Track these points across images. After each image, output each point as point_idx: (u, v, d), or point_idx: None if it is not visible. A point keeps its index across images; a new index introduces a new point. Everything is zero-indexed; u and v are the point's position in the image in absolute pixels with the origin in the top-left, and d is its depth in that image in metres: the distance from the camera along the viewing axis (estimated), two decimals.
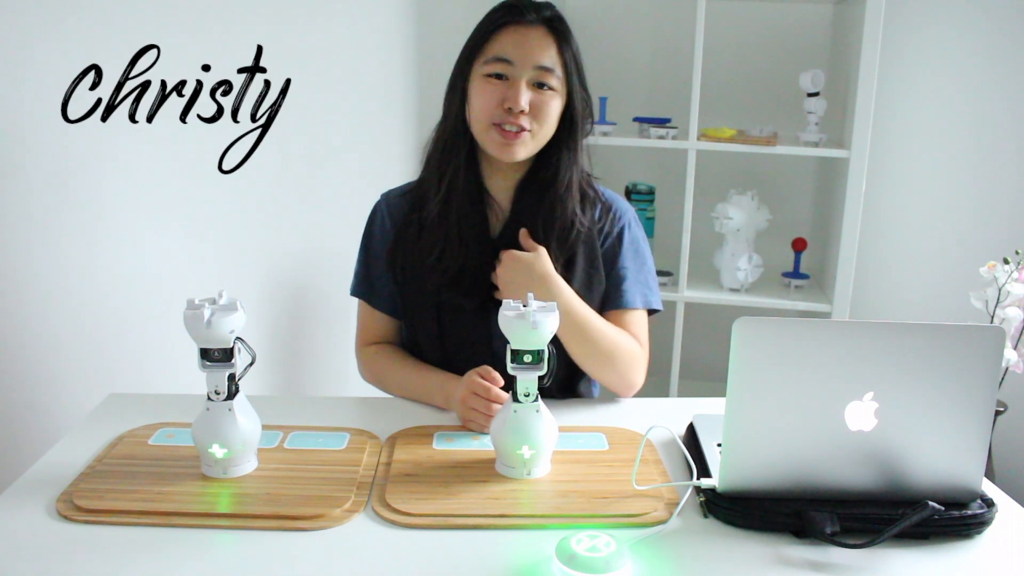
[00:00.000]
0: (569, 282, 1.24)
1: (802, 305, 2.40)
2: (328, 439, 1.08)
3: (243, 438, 0.97)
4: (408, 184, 1.35)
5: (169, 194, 1.46)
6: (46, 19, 1.18)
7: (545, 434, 0.99)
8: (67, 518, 0.90)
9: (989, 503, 0.91)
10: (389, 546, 0.86)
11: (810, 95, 2.32)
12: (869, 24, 2.12)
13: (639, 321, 1.31)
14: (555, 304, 0.98)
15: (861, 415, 0.88)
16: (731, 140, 2.34)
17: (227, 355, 0.96)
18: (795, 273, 2.50)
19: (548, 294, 1.18)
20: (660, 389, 2.50)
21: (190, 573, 0.82)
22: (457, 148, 1.25)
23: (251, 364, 0.98)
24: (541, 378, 0.98)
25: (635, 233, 1.33)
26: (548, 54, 1.20)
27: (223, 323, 0.93)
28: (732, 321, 0.86)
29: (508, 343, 0.97)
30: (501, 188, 1.29)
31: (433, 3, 2.42)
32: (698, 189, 2.37)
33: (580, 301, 1.22)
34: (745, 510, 0.90)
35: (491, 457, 1.03)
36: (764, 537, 0.88)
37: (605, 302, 1.30)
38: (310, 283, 1.98)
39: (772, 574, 0.83)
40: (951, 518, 0.88)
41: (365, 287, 1.35)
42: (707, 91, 2.35)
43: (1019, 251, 1.86)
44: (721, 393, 0.93)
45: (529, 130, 1.20)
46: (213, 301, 0.95)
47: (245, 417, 0.98)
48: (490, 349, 1.24)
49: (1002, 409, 2.00)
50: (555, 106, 1.22)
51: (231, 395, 0.97)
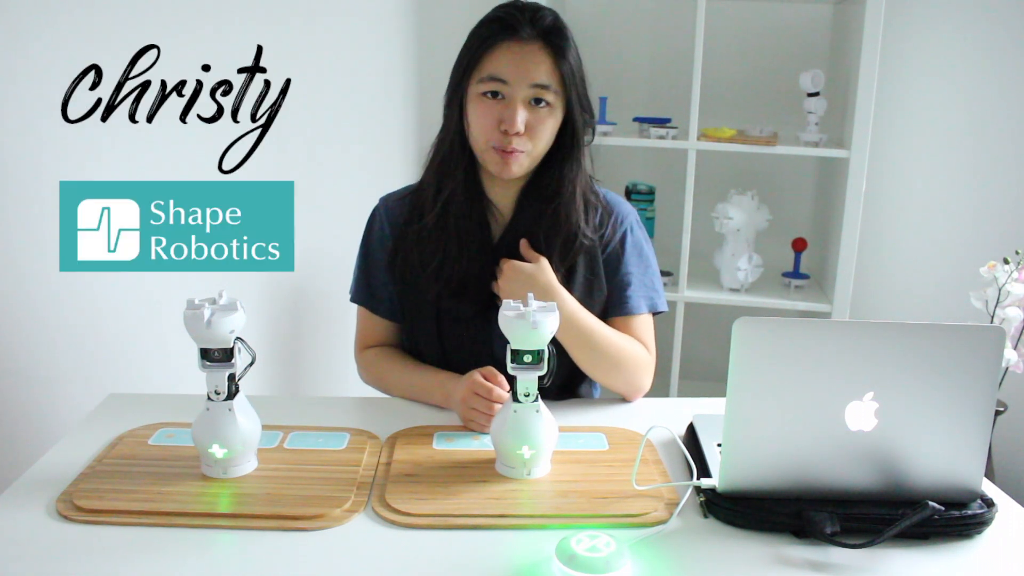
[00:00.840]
0: (570, 291, 1.24)
1: (802, 305, 2.40)
2: (328, 439, 1.08)
3: (243, 438, 0.97)
4: (406, 188, 1.34)
5: None
6: (45, 19, 1.18)
7: (545, 434, 0.99)
8: (67, 518, 0.89)
9: (989, 503, 0.91)
10: (389, 546, 0.86)
11: (810, 95, 2.32)
12: (869, 24, 2.12)
13: (645, 325, 1.31)
14: (555, 304, 0.98)
15: (861, 415, 0.88)
16: (731, 140, 2.34)
17: (227, 355, 0.96)
18: (795, 273, 2.50)
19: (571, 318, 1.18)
20: (660, 389, 2.50)
21: (190, 573, 0.82)
22: (455, 161, 1.24)
23: (251, 364, 0.98)
24: (541, 378, 0.98)
25: (638, 236, 1.32)
26: (544, 71, 1.17)
27: (223, 323, 0.93)
28: (732, 321, 0.86)
29: (508, 343, 0.97)
30: (502, 195, 1.28)
31: (433, 3, 2.42)
32: (698, 189, 2.37)
33: (584, 310, 1.21)
34: (745, 510, 0.90)
35: (491, 457, 1.03)
36: (764, 537, 0.88)
37: (610, 308, 1.29)
38: (310, 283, 1.98)
39: (772, 574, 0.83)
40: (951, 518, 0.88)
41: (364, 292, 1.34)
42: (707, 91, 2.35)
43: (1019, 251, 1.86)
44: (721, 393, 0.93)
45: (523, 151, 1.19)
46: (213, 301, 0.95)
47: (245, 417, 0.98)
48: (491, 353, 1.24)
49: (1002, 409, 2.00)
50: (551, 123, 1.20)
51: (231, 395, 0.97)
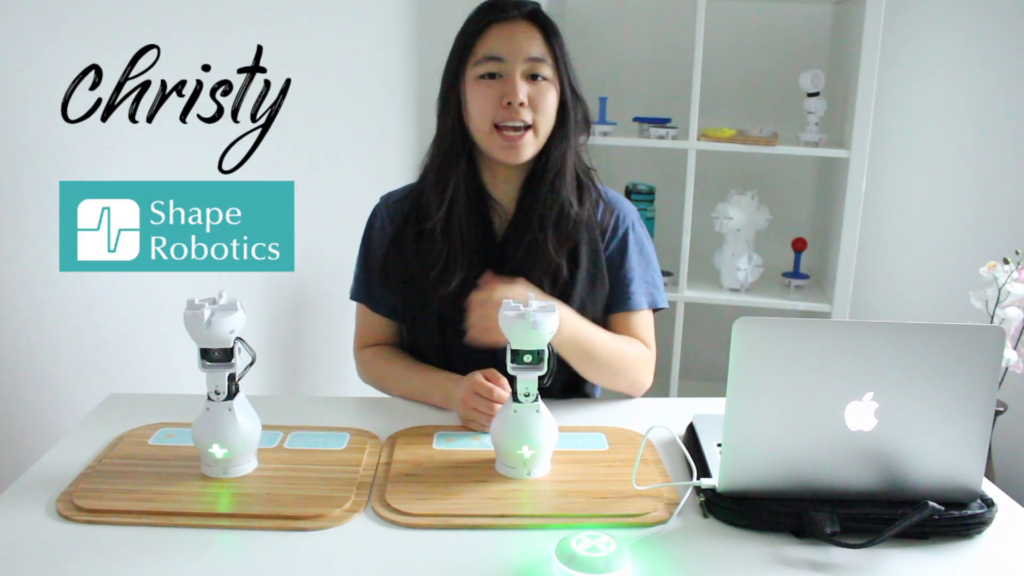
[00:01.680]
0: (572, 283, 1.24)
1: (802, 305, 2.40)
2: (328, 439, 1.08)
3: (243, 438, 0.97)
4: (406, 187, 1.34)
5: None
6: (45, 19, 1.18)
7: (545, 434, 0.99)
8: (67, 518, 0.89)
9: (989, 503, 0.91)
10: (389, 546, 0.86)
11: (810, 95, 2.32)
12: (869, 24, 2.12)
13: (646, 322, 1.31)
14: (555, 304, 0.98)
15: (861, 415, 0.88)
16: (731, 140, 2.34)
17: (227, 355, 0.96)
18: (795, 273, 2.50)
19: (573, 335, 1.17)
20: (660, 389, 2.50)
21: (190, 573, 0.82)
22: (456, 160, 1.24)
23: (251, 364, 0.98)
24: (541, 378, 0.98)
25: (639, 233, 1.33)
26: (537, 45, 1.21)
27: (223, 323, 0.93)
28: (732, 321, 0.86)
29: (508, 343, 0.97)
30: (504, 191, 1.28)
31: (433, 3, 2.42)
32: (698, 189, 2.37)
33: (580, 321, 1.20)
34: (745, 510, 0.90)
35: (491, 457, 1.03)
36: (764, 537, 0.88)
37: (611, 304, 1.29)
38: (310, 283, 1.98)
39: (772, 574, 0.83)
40: (951, 518, 0.88)
41: (364, 291, 1.34)
42: (707, 91, 2.35)
43: (1019, 251, 1.86)
44: (721, 393, 0.93)
45: (531, 125, 1.20)
46: (213, 301, 0.95)
47: (245, 417, 0.98)
48: (492, 353, 1.24)
49: (1002, 409, 2.00)
50: (551, 96, 1.22)
51: (231, 395, 0.97)
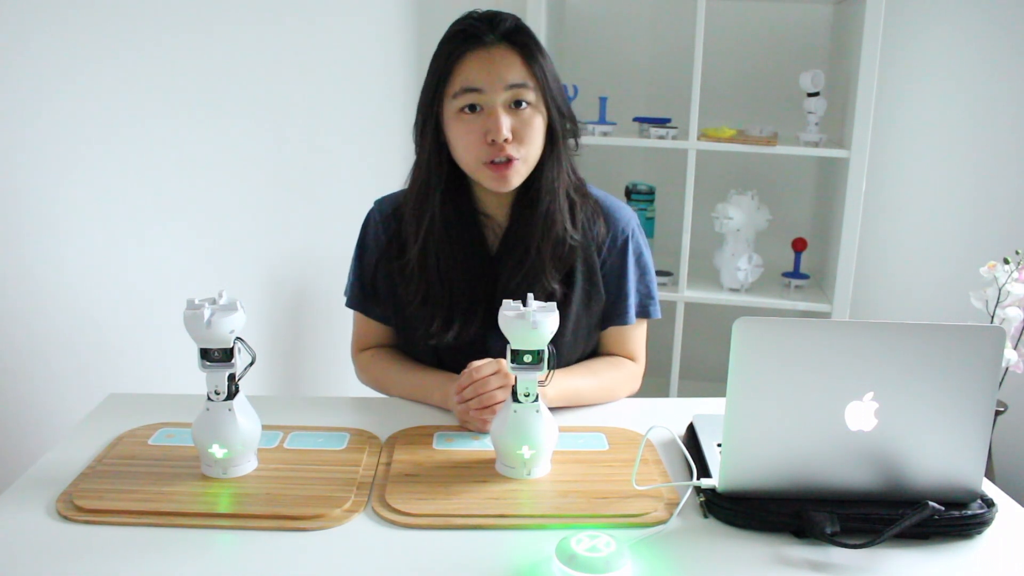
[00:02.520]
0: (568, 302, 1.24)
1: (802, 305, 2.40)
2: (328, 439, 1.08)
3: (243, 438, 0.97)
4: (398, 195, 1.31)
5: (169, 194, 1.46)
6: (44, 18, 1.18)
7: (545, 434, 0.99)
8: (67, 518, 0.90)
9: (989, 503, 0.91)
10: (389, 546, 0.86)
11: (810, 95, 2.32)
12: (869, 24, 2.12)
13: (638, 334, 1.31)
14: (554, 304, 0.98)
15: (861, 415, 0.88)
16: (731, 140, 2.34)
17: (227, 355, 0.96)
18: (795, 273, 2.50)
19: (562, 397, 1.18)
20: (660, 389, 2.50)
21: (190, 573, 0.82)
22: (432, 193, 1.21)
23: (251, 364, 0.98)
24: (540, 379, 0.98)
25: (638, 243, 1.31)
26: (516, 70, 1.15)
27: (223, 323, 0.93)
28: (732, 321, 0.86)
29: (508, 343, 0.97)
30: (496, 206, 1.26)
31: (433, 3, 2.42)
32: (698, 189, 2.37)
33: (566, 377, 1.19)
34: (745, 510, 0.90)
35: (491, 457, 1.03)
36: (764, 537, 0.88)
37: (607, 317, 1.29)
38: (310, 283, 1.98)
39: (772, 574, 0.83)
40: (951, 518, 0.88)
41: (359, 299, 1.34)
42: (707, 91, 2.35)
43: (1019, 251, 1.86)
44: (721, 393, 0.93)
45: (518, 158, 1.16)
46: (213, 301, 0.95)
47: (245, 417, 0.98)
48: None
49: (1002, 409, 2.00)
50: (536, 124, 1.17)
51: (231, 395, 0.97)
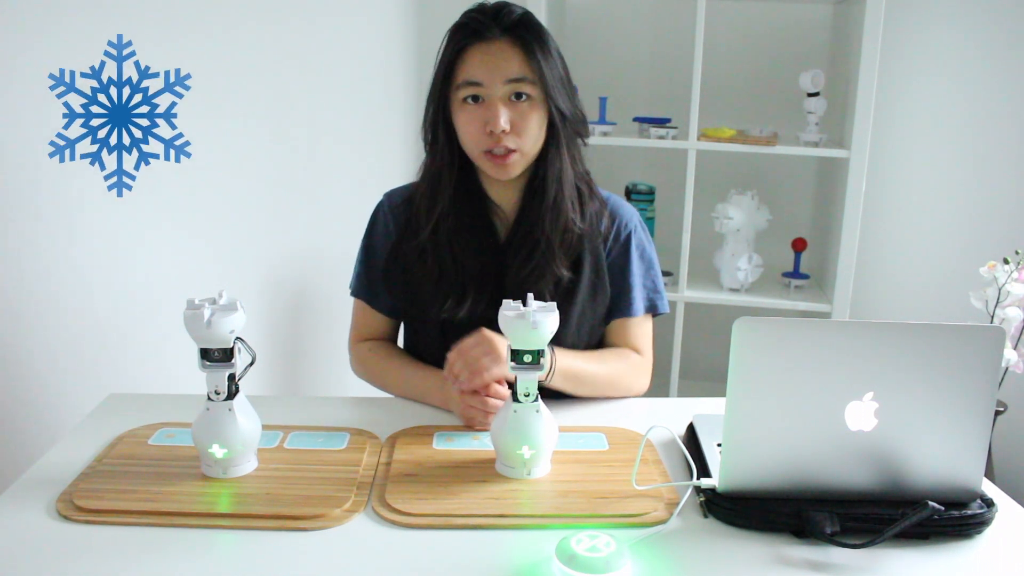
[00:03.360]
0: (575, 291, 1.25)
1: (802, 305, 2.40)
2: (328, 439, 1.08)
3: (243, 438, 0.97)
4: (408, 187, 1.34)
5: (170, 194, 1.46)
6: (44, 18, 1.18)
7: (545, 434, 0.99)
8: (67, 518, 0.90)
9: (989, 503, 0.91)
10: (389, 546, 0.86)
11: (810, 95, 2.32)
12: (869, 24, 2.12)
13: (644, 327, 1.31)
14: (555, 304, 0.98)
15: (861, 415, 0.88)
16: (731, 140, 2.34)
17: (227, 355, 0.96)
18: (795, 273, 2.50)
19: (563, 374, 1.18)
20: (660, 389, 2.50)
21: (190, 573, 0.82)
22: (446, 176, 1.24)
23: (251, 364, 0.98)
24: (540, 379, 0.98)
25: (641, 238, 1.32)
26: (516, 65, 1.17)
27: (223, 323, 0.93)
28: (732, 321, 0.86)
29: (508, 343, 0.97)
30: (504, 195, 1.28)
31: (433, 3, 2.42)
32: (698, 189, 2.37)
33: (568, 354, 1.21)
34: (745, 510, 0.90)
35: (491, 457, 1.03)
36: (764, 537, 0.88)
37: (612, 311, 1.30)
38: (310, 283, 1.98)
39: (772, 574, 0.83)
40: (951, 518, 0.88)
41: (365, 288, 1.34)
42: (707, 91, 2.35)
43: (1019, 251, 1.86)
44: (721, 393, 0.93)
45: (515, 149, 1.18)
46: (213, 301, 0.95)
47: (245, 417, 0.98)
48: None
49: (1002, 409, 2.00)
50: (536, 117, 1.19)
51: (231, 395, 0.97)
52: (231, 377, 0.97)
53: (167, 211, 1.45)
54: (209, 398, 0.97)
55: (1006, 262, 1.84)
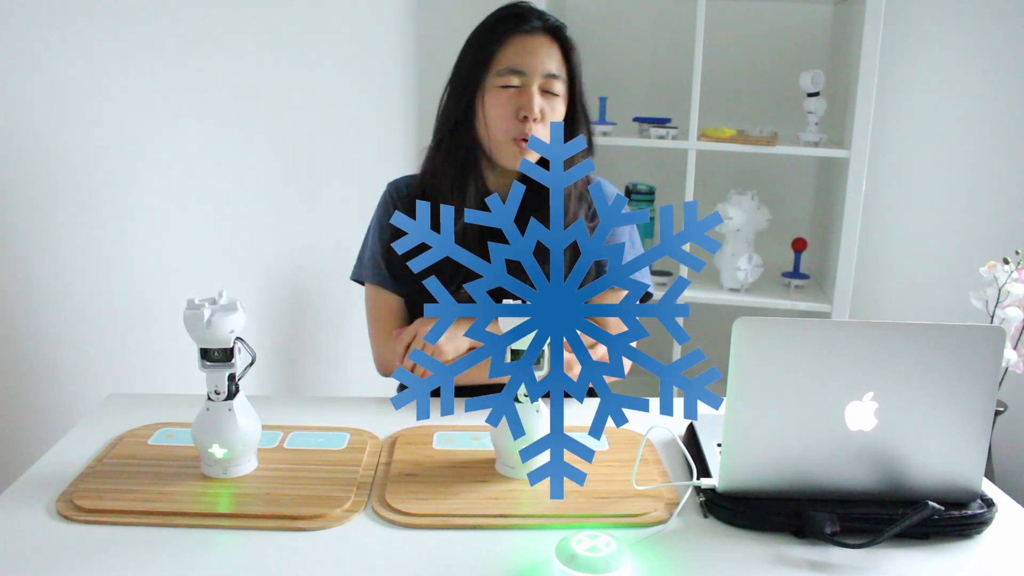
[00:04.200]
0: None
1: (802, 305, 2.40)
2: (328, 439, 1.08)
3: (243, 438, 0.97)
4: (412, 177, 1.35)
5: (169, 194, 1.46)
6: (44, 20, 1.18)
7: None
8: (67, 518, 0.89)
9: (989, 503, 0.91)
10: (389, 546, 0.86)
11: (810, 95, 2.32)
12: (869, 24, 2.12)
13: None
14: None
15: (861, 415, 0.88)
16: (731, 140, 2.34)
17: (227, 355, 0.96)
18: (795, 273, 2.50)
19: None
20: None
21: (190, 573, 0.82)
22: (474, 166, 1.28)
23: (251, 364, 0.98)
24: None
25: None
26: (555, 61, 1.25)
27: (223, 323, 0.93)
28: (732, 321, 0.86)
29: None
30: (507, 192, 1.29)
31: (433, 3, 2.42)
32: (698, 189, 2.37)
33: None
34: (745, 510, 0.90)
35: (491, 457, 1.03)
36: (764, 537, 0.88)
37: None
38: (310, 283, 1.98)
39: (772, 574, 0.83)
40: (951, 518, 0.88)
41: (379, 272, 1.34)
42: (707, 91, 2.35)
43: (1019, 251, 1.86)
44: (721, 393, 0.93)
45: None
46: (213, 301, 0.95)
47: (245, 417, 0.98)
48: None
49: (1002, 409, 2.00)
50: (560, 111, 1.26)
51: (231, 395, 0.97)
52: (231, 377, 0.97)
53: (167, 211, 1.45)
54: (209, 398, 0.97)
55: (1006, 262, 1.84)
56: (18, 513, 0.91)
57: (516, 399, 0.98)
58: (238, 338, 0.96)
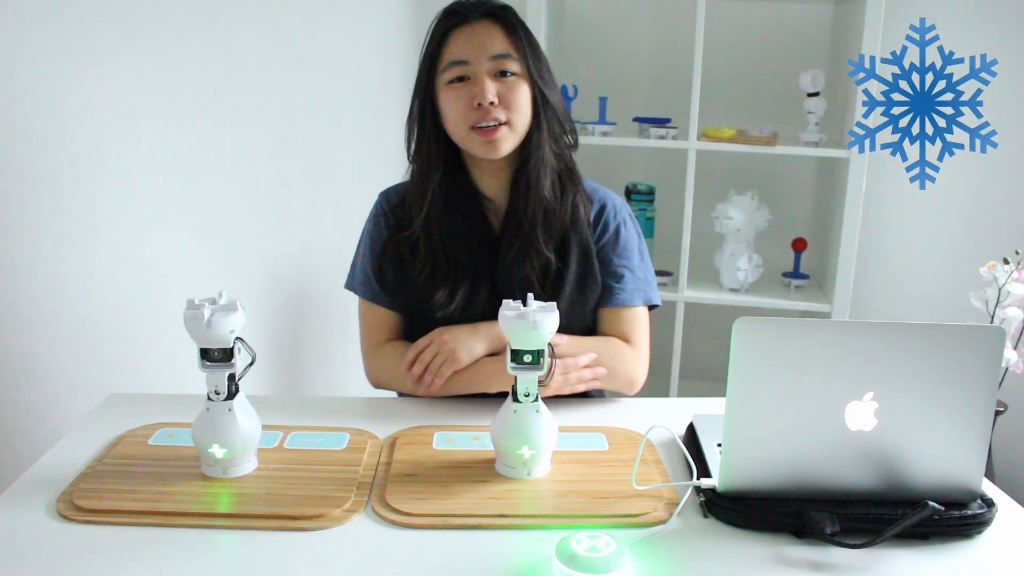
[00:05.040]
0: (562, 281, 1.25)
1: (802, 305, 2.40)
2: (328, 439, 1.08)
3: (243, 438, 0.97)
4: (402, 186, 1.34)
5: (169, 194, 1.46)
6: (43, 19, 1.18)
7: (545, 434, 0.99)
8: (67, 518, 0.90)
9: (989, 503, 0.91)
10: (389, 546, 0.86)
11: (810, 95, 2.32)
12: (869, 24, 2.12)
13: (637, 318, 1.31)
14: (555, 304, 0.98)
15: (861, 415, 0.88)
16: (731, 140, 2.34)
17: (227, 355, 0.96)
18: (795, 273, 2.50)
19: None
20: (660, 389, 2.50)
21: (190, 573, 0.82)
22: (433, 172, 1.26)
23: (251, 364, 0.98)
24: (541, 378, 0.98)
25: (631, 229, 1.34)
26: (499, 42, 1.21)
27: (223, 323, 0.93)
28: (732, 321, 0.86)
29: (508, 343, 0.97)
30: (495, 188, 1.30)
31: (433, 3, 2.41)
32: (698, 189, 2.37)
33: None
34: (745, 510, 0.90)
35: (491, 457, 1.03)
36: (764, 537, 0.88)
37: (602, 300, 1.30)
38: (310, 283, 1.98)
39: (772, 574, 0.83)
40: (951, 518, 0.88)
41: (371, 287, 1.32)
42: (707, 91, 2.35)
43: (1019, 251, 1.86)
44: (721, 393, 0.93)
45: (505, 122, 1.21)
46: (213, 301, 0.95)
47: (245, 417, 0.98)
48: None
49: (1002, 409, 2.00)
50: (523, 91, 1.22)
51: (231, 395, 0.97)
52: (231, 377, 0.97)
53: (167, 211, 1.45)
54: (209, 398, 0.97)
55: (1006, 262, 1.84)
56: (18, 513, 0.91)
57: (516, 399, 0.98)
58: (238, 338, 0.96)
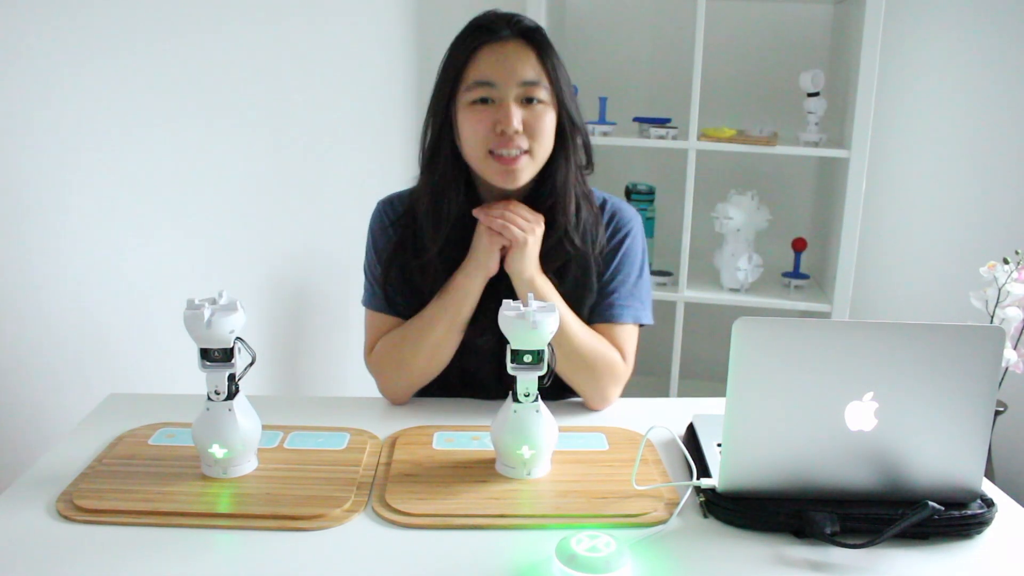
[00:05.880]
0: (558, 289, 1.23)
1: (802, 305, 2.40)
2: (328, 439, 1.08)
3: (243, 438, 0.97)
4: (403, 194, 1.31)
5: (169, 194, 1.46)
6: (43, 19, 1.18)
7: (545, 434, 0.99)
8: (67, 518, 0.90)
9: (989, 503, 0.91)
10: (389, 546, 0.86)
11: (810, 95, 2.32)
12: (869, 24, 2.12)
13: (627, 336, 1.27)
14: (555, 304, 0.98)
15: (861, 415, 0.88)
16: (731, 140, 2.34)
17: (227, 355, 0.96)
18: (795, 273, 2.50)
19: (532, 283, 1.17)
20: (660, 389, 2.50)
21: (190, 573, 0.82)
22: (453, 193, 1.20)
23: (251, 364, 0.98)
24: (541, 378, 0.98)
25: (636, 243, 1.30)
26: (530, 67, 1.14)
27: (223, 323, 0.93)
28: (732, 321, 0.86)
29: (508, 343, 0.97)
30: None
31: (433, 3, 2.42)
32: (698, 189, 2.37)
33: (563, 302, 1.20)
34: (745, 510, 0.90)
35: (491, 457, 1.03)
36: (764, 537, 0.88)
37: (594, 313, 1.26)
38: (310, 283, 1.98)
39: (772, 574, 0.83)
40: (951, 518, 0.88)
41: (380, 300, 1.28)
42: (707, 91, 2.35)
43: (1019, 251, 1.86)
44: (721, 393, 0.93)
45: (527, 151, 1.15)
46: (213, 301, 0.95)
47: (245, 417, 0.98)
48: (501, 352, 1.23)
49: (1002, 409, 2.00)
50: (549, 120, 1.16)
51: (231, 395, 0.97)
52: (231, 377, 0.97)
53: (167, 211, 1.45)
54: (209, 398, 0.97)
55: (1006, 262, 1.84)
56: (18, 513, 0.91)
57: (516, 399, 0.98)
58: (238, 338, 0.96)
